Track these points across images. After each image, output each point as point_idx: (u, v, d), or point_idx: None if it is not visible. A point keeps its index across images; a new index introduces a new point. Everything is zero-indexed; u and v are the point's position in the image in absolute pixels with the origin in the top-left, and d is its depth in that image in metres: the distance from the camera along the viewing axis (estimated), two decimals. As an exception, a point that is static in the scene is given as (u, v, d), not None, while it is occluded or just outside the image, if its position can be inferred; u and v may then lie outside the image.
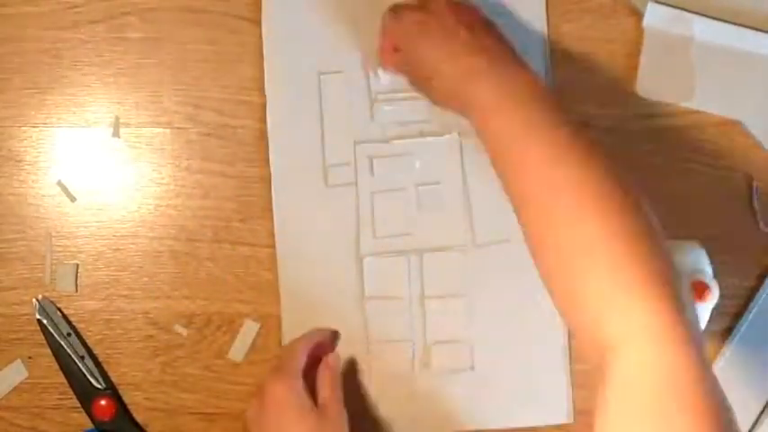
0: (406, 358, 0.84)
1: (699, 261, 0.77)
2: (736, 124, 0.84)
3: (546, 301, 0.83)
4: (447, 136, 0.84)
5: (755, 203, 0.85)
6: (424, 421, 0.84)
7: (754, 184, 0.84)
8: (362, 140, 0.84)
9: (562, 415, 0.84)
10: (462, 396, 0.84)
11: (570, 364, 0.84)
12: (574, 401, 0.84)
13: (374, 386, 0.84)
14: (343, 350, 0.84)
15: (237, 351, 0.84)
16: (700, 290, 0.75)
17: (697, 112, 0.84)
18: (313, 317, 0.84)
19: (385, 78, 0.84)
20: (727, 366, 0.84)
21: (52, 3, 0.85)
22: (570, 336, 0.84)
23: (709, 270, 0.77)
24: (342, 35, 0.84)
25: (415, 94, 0.83)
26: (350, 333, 0.84)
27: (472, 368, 0.84)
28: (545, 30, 0.84)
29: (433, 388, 0.84)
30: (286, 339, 0.84)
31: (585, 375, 0.84)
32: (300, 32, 0.84)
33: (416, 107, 0.84)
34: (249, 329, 0.84)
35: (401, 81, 0.82)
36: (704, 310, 0.77)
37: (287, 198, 0.84)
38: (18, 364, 0.84)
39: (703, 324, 0.78)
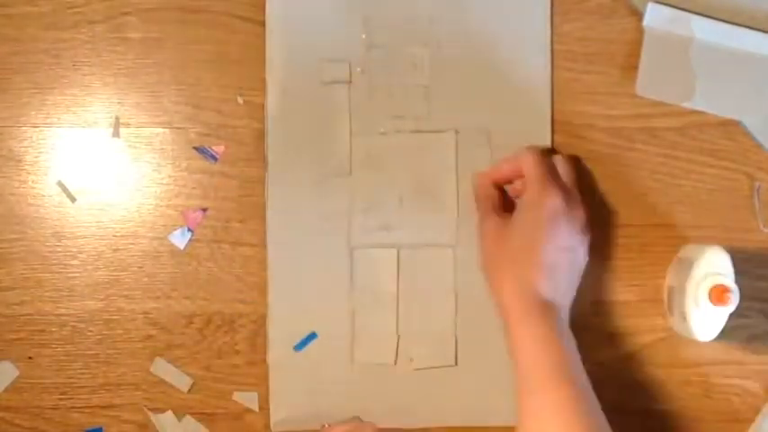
0: (389, 351, 0.84)
1: (720, 264, 0.77)
2: (736, 124, 0.84)
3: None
4: (443, 132, 0.84)
5: (756, 203, 0.84)
6: (406, 415, 0.84)
7: (757, 184, 0.84)
8: (359, 132, 0.85)
9: None
10: (444, 391, 0.84)
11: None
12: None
13: (357, 378, 0.84)
14: (327, 341, 0.84)
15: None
16: (719, 293, 0.75)
17: (697, 112, 0.84)
18: (301, 306, 0.84)
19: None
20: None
21: (52, 3, 0.85)
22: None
23: (730, 274, 0.77)
24: (345, 25, 0.84)
25: (413, 88, 0.84)
26: (336, 324, 0.84)
27: (455, 364, 0.84)
28: (548, 29, 0.84)
29: (416, 382, 0.84)
30: (272, 330, 0.84)
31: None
32: (304, 20, 0.84)
33: (415, 102, 0.84)
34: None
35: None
36: (722, 314, 0.77)
37: (281, 186, 0.84)
38: (7, 365, 0.84)
39: (719, 327, 0.78)
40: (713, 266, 0.77)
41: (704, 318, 0.78)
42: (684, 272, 0.79)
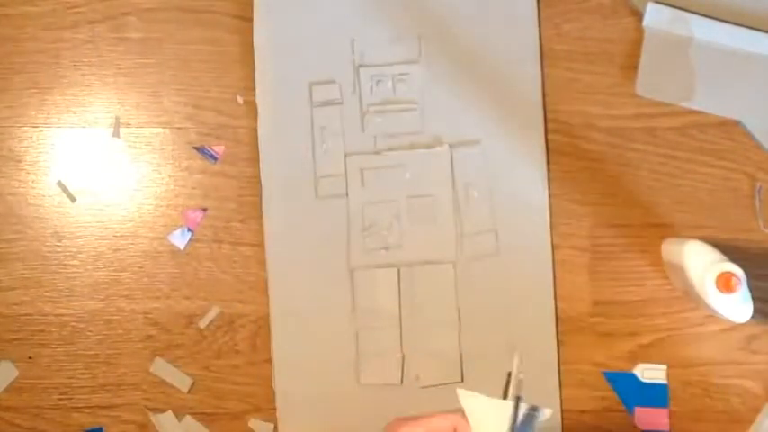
0: (395, 370, 0.84)
1: (711, 254, 0.77)
2: (736, 124, 0.84)
3: (535, 313, 0.84)
4: (437, 148, 0.84)
5: (757, 204, 0.84)
6: None
7: (758, 185, 0.84)
8: (353, 152, 0.84)
9: (552, 426, 0.84)
10: (451, 408, 0.84)
11: (560, 369, 0.84)
12: (563, 406, 0.84)
13: (364, 400, 0.84)
14: (332, 364, 0.84)
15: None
16: (725, 282, 0.74)
17: (697, 112, 0.84)
18: (304, 330, 0.84)
19: None
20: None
21: (52, 3, 0.85)
22: (559, 345, 0.84)
23: (721, 256, 0.76)
24: (334, 46, 0.84)
25: (405, 105, 0.84)
26: (340, 345, 0.84)
27: (461, 380, 0.84)
28: (536, 34, 0.84)
29: (423, 400, 0.84)
30: (276, 355, 0.84)
31: (576, 374, 0.84)
32: (292, 43, 0.84)
33: (407, 119, 0.84)
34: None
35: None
36: (743, 294, 0.75)
37: (277, 209, 0.84)
38: (7, 364, 0.85)
39: (750, 304, 0.76)
40: (703, 259, 0.76)
41: (729, 304, 0.77)
42: (679, 273, 0.79)
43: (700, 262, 0.76)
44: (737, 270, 0.74)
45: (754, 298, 0.76)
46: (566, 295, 0.84)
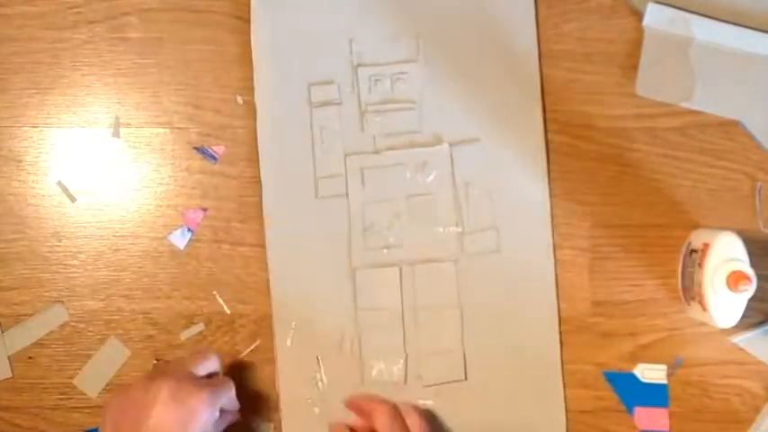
0: (398, 369, 0.84)
1: (736, 250, 0.77)
2: (735, 124, 0.84)
3: (538, 311, 0.84)
4: (437, 146, 0.84)
5: (757, 204, 0.84)
6: None
7: (759, 185, 0.84)
8: (353, 152, 0.84)
9: (556, 424, 0.84)
10: (455, 407, 0.84)
11: (563, 369, 0.84)
12: (567, 405, 0.84)
13: None
14: (335, 361, 0.84)
15: None
16: (736, 279, 0.75)
17: (697, 112, 0.84)
18: (305, 328, 0.84)
19: None
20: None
21: (52, 3, 0.85)
22: (563, 344, 0.84)
23: (746, 259, 0.77)
24: (332, 46, 0.84)
25: (404, 104, 0.84)
26: (342, 344, 0.84)
27: (465, 379, 0.84)
28: (536, 34, 0.84)
29: (426, 399, 0.84)
30: (278, 357, 0.84)
31: (576, 374, 0.84)
32: (290, 44, 0.84)
33: (406, 118, 0.84)
34: None
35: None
36: (741, 300, 0.76)
37: (277, 210, 0.84)
38: (58, 307, 0.84)
39: (739, 314, 0.77)
40: (728, 252, 0.77)
41: (723, 305, 0.77)
42: (698, 259, 0.79)
43: (725, 253, 0.77)
44: (753, 276, 0.75)
45: (754, 298, 0.76)
46: (566, 295, 0.85)
